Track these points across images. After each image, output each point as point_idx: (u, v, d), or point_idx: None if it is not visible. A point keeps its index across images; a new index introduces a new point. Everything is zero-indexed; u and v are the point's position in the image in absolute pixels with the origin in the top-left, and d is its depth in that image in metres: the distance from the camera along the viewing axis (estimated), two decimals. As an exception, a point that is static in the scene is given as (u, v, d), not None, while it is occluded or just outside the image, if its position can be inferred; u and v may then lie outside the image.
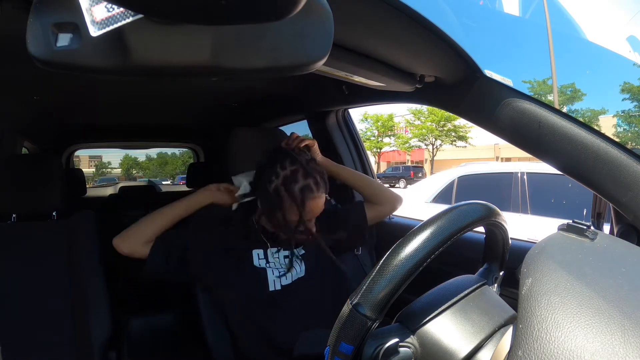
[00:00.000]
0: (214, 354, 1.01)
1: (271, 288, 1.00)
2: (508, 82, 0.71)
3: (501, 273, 0.57)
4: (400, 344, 0.42)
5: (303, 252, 1.09)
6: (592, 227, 0.45)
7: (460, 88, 0.76)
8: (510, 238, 0.56)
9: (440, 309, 0.44)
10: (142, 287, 2.33)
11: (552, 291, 0.35)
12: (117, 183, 7.16)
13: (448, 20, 0.65)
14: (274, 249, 1.06)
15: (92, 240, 1.28)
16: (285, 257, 1.06)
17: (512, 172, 3.65)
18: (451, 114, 1.31)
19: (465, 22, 0.70)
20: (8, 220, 1.27)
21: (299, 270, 1.06)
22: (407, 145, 23.88)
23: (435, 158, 22.69)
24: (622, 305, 0.33)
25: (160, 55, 0.34)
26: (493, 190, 3.72)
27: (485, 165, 4.79)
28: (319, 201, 1.01)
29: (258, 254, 1.04)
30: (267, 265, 1.03)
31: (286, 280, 1.02)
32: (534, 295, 0.36)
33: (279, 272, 1.03)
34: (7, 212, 1.26)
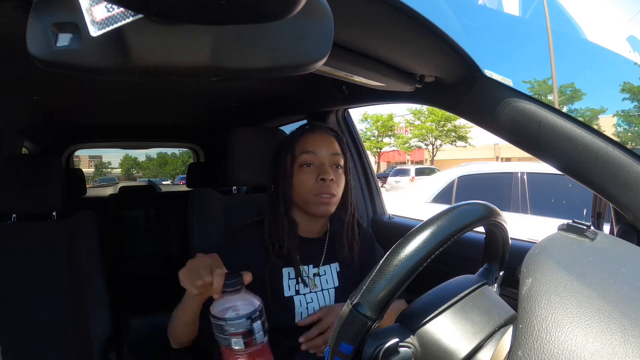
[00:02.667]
0: (214, 355, 1.01)
1: (297, 319, 0.90)
2: (508, 82, 0.71)
3: (501, 273, 0.57)
4: (400, 344, 0.42)
5: (338, 284, 0.96)
6: (592, 227, 0.45)
7: (460, 88, 0.76)
8: (510, 238, 0.56)
9: (440, 309, 0.44)
10: (142, 287, 2.34)
11: (552, 291, 0.35)
12: (117, 183, 7.17)
13: (448, 20, 0.65)
14: (305, 266, 0.94)
15: (92, 240, 1.28)
16: (315, 274, 0.95)
17: (512, 172, 3.66)
18: (451, 114, 1.31)
19: (465, 22, 0.70)
20: (8, 220, 1.27)
21: (328, 303, 0.93)
22: (407, 145, 23.89)
23: (435, 158, 22.69)
24: (622, 305, 0.33)
25: (160, 55, 0.34)
26: (493, 190, 3.72)
27: (485, 165, 4.79)
28: (317, 139, 0.91)
29: (289, 273, 0.92)
30: (297, 288, 0.91)
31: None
32: (534, 295, 0.36)
33: (307, 302, 0.91)
34: (7, 212, 1.27)
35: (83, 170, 3.03)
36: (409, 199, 4.37)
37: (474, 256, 0.62)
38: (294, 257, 0.91)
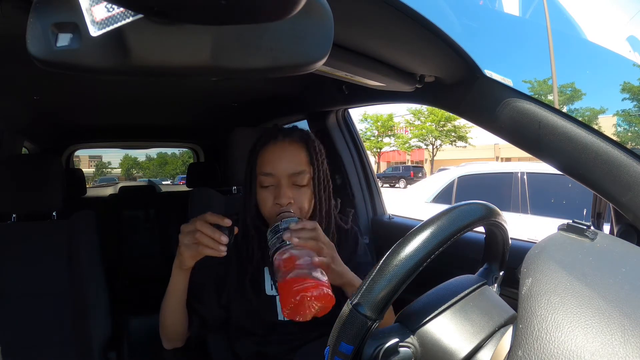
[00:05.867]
0: (214, 355, 1.01)
1: (280, 317, 0.88)
2: (508, 82, 0.71)
3: (501, 273, 0.57)
4: (400, 344, 0.42)
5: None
6: (592, 227, 0.45)
7: (460, 88, 0.76)
8: (510, 238, 0.56)
9: (440, 309, 0.44)
10: (142, 287, 2.34)
11: (552, 291, 0.35)
12: (117, 183, 7.18)
13: (448, 20, 0.65)
14: None
15: (92, 240, 1.28)
16: None
17: (512, 172, 3.66)
18: (451, 114, 1.30)
19: (465, 22, 0.70)
20: (8, 220, 1.27)
21: None
22: (407, 145, 23.90)
23: (435, 158, 22.71)
24: (622, 305, 0.33)
25: (160, 55, 0.34)
26: (493, 190, 3.73)
27: (485, 165, 4.80)
28: (276, 156, 0.84)
29: (270, 272, 0.91)
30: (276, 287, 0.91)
31: None
32: (534, 295, 0.36)
33: None
34: (7, 212, 1.27)
35: (83, 170, 3.02)
36: (409, 199, 4.37)
37: (474, 256, 0.62)
38: (268, 262, 0.87)
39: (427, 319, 0.43)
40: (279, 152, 0.85)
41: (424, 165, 23.73)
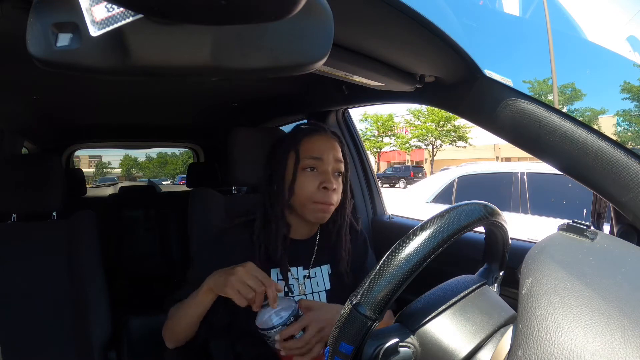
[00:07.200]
0: (215, 355, 1.01)
1: None
2: (508, 82, 0.71)
3: (501, 273, 0.57)
4: (400, 344, 0.42)
5: (329, 287, 0.94)
6: (592, 227, 0.45)
7: (460, 88, 0.76)
8: (510, 238, 0.56)
9: (440, 309, 0.44)
10: (142, 287, 2.34)
11: (552, 291, 0.35)
12: (117, 183, 7.17)
13: (448, 20, 0.65)
14: (294, 268, 0.92)
15: (92, 240, 1.28)
16: (305, 277, 0.92)
17: (512, 172, 3.66)
18: (451, 114, 1.30)
19: (465, 22, 0.70)
20: (8, 220, 1.27)
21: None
22: (407, 145, 23.91)
23: (435, 158, 22.71)
24: (622, 305, 0.33)
25: (160, 55, 0.34)
26: (493, 190, 3.72)
27: (485, 165, 4.79)
28: (323, 144, 0.89)
29: (277, 274, 0.90)
30: (286, 290, 0.90)
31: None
32: (534, 295, 0.36)
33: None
34: (7, 212, 1.27)
35: (83, 170, 3.02)
36: (409, 199, 4.37)
37: (474, 256, 0.62)
38: (284, 261, 0.89)
39: (427, 319, 0.43)
40: (325, 140, 0.91)
41: (424, 165, 23.74)
